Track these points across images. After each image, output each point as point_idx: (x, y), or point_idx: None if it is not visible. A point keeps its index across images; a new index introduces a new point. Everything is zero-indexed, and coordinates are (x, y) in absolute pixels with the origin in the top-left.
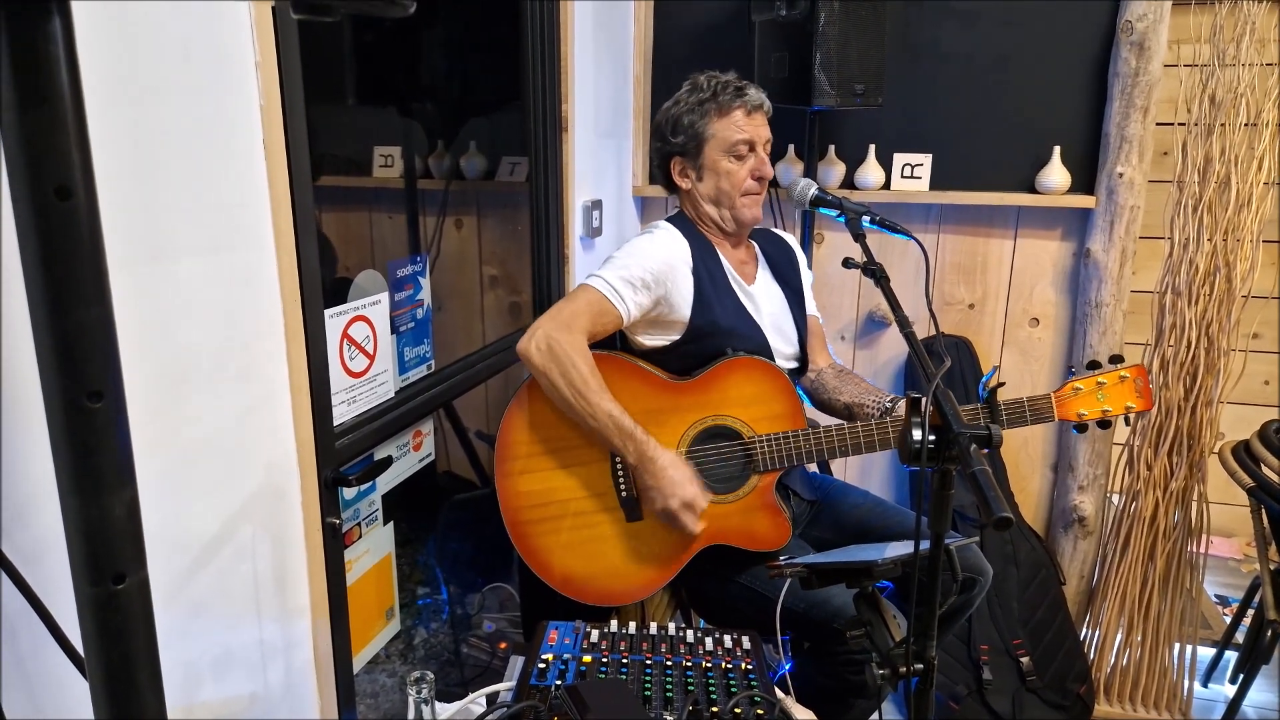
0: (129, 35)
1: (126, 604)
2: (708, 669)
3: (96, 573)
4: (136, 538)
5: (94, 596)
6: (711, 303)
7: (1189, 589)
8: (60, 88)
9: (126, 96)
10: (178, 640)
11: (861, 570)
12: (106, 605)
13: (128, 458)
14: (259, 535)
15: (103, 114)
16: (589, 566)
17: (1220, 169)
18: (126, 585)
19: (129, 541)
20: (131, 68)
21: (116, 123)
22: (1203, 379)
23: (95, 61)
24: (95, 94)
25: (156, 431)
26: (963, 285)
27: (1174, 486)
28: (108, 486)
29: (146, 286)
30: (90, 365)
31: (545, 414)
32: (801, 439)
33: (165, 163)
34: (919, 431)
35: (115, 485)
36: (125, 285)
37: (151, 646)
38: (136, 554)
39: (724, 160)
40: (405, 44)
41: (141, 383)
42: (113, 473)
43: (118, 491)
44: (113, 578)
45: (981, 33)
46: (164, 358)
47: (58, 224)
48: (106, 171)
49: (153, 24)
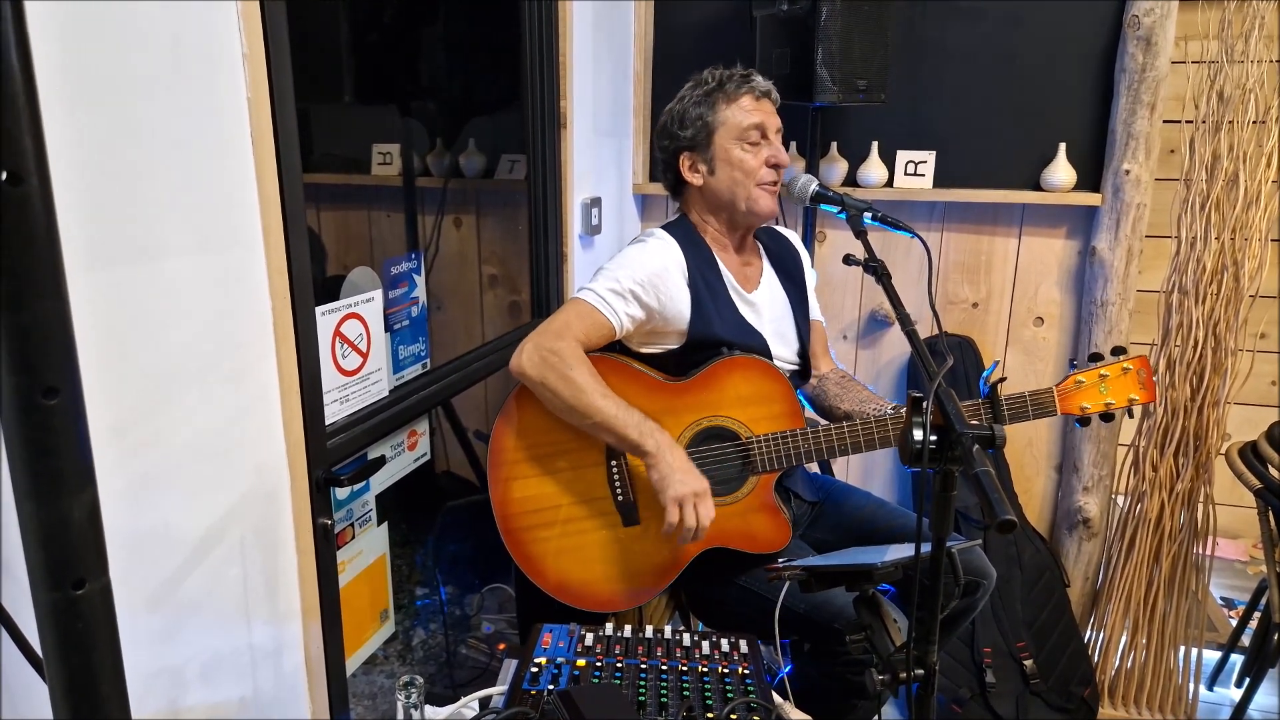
0: (112, 27)
1: (88, 610)
2: (704, 674)
3: (55, 578)
4: (98, 542)
5: (53, 603)
6: (710, 315)
7: (1194, 591)
8: (9, 66)
9: (110, 90)
10: (165, 644)
11: (862, 574)
12: (66, 612)
13: (87, 458)
14: (249, 537)
15: (86, 109)
16: (585, 572)
17: (1228, 166)
18: (87, 591)
19: (89, 546)
20: (115, 61)
21: (100, 117)
22: (1209, 379)
23: (78, 55)
24: (77, 88)
25: (144, 432)
26: (966, 284)
27: (1180, 488)
28: (67, 489)
29: (133, 285)
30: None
31: (537, 419)
32: (800, 439)
33: (151, 158)
34: (920, 432)
35: (74, 487)
36: (111, 284)
37: (115, 654)
38: (98, 559)
39: (736, 149)
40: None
41: (128, 383)
42: (72, 474)
43: (77, 494)
44: (72, 583)
45: (986, 28)
46: (151, 357)
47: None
48: (89, 168)
49: (138, 16)
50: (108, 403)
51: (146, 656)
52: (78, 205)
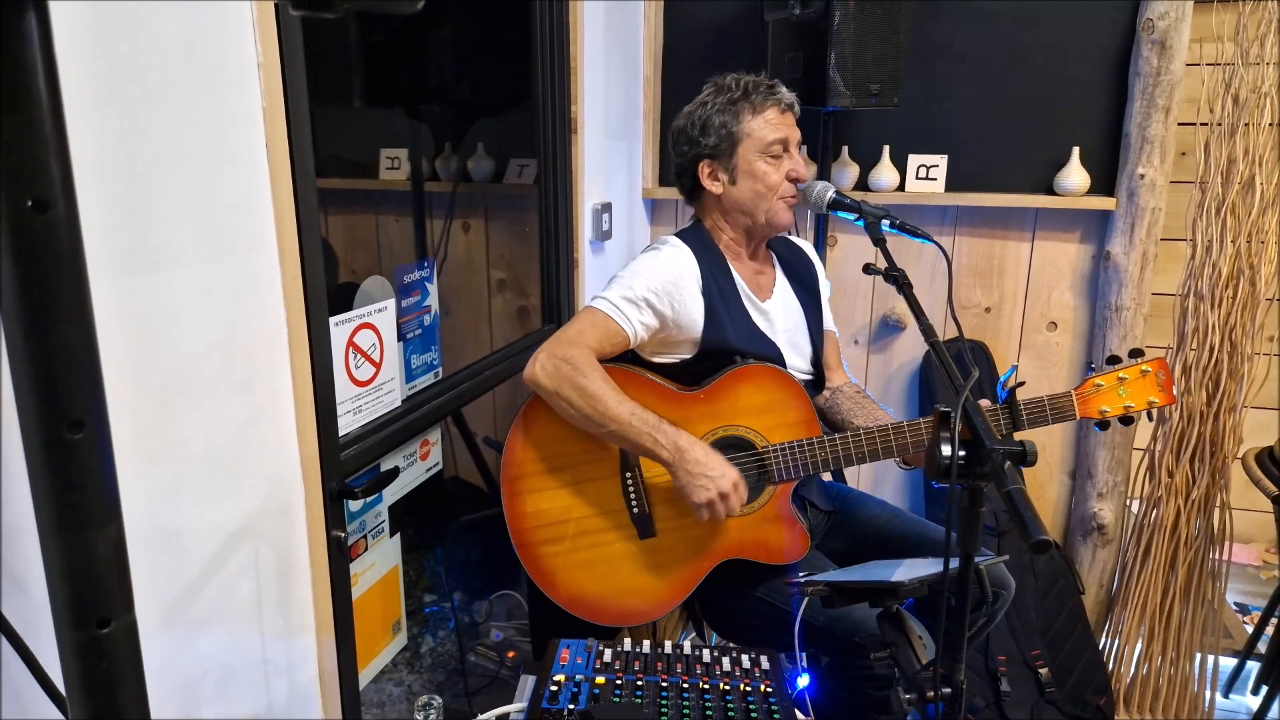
0: (127, 36)
1: (113, 649)
2: (725, 691)
3: (80, 616)
4: (124, 577)
5: (77, 641)
6: (723, 323)
7: (1210, 599)
8: (37, 93)
9: (125, 99)
10: (178, 659)
11: (886, 590)
12: (91, 650)
13: (113, 491)
14: (262, 550)
15: (100, 117)
16: (600, 586)
17: (1244, 170)
18: (113, 629)
19: (115, 581)
20: (130, 69)
21: (115, 126)
22: (1226, 384)
23: (92, 63)
24: (92, 97)
25: (156, 445)
26: (979, 289)
27: (1196, 494)
28: (92, 523)
29: (146, 295)
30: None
31: (550, 431)
32: (817, 447)
33: (165, 167)
34: (948, 447)
35: (100, 521)
36: (124, 294)
37: (141, 694)
38: (124, 595)
39: (759, 161)
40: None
41: (140, 394)
42: (98, 508)
43: (103, 528)
44: (98, 621)
45: (999, 31)
46: (164, 368)
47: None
48: (105, 177)
49: (152, 24)
50: (119, 414)
51: (160, 672)
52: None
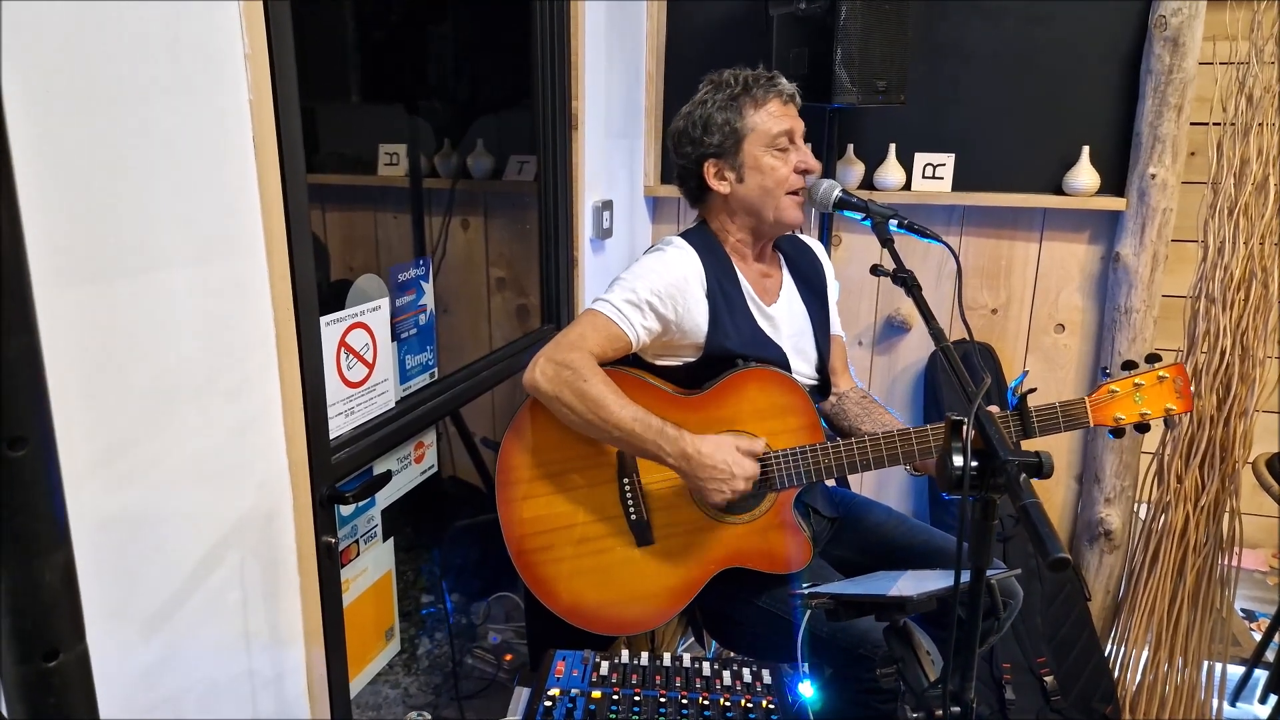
0: (108, 28)
1: (60, 684)
2: (726, 708)
3: (25, 649)
4: (73, 606)
5: (22, 676)
6: (727, 327)
7: (1219, 606)
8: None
9: (105, 94)
10: (162, 673)
11: (894, 605)
12: (37, 685)
13: (60, 513)
14: (249, 558)
15: (79, 113)
16: (598, 595)
17: (1257, 170)
18: (61, 661)
19: (65, 611)
20: (111, 63)
21: (95, 122)
22: (1236, 389)
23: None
24: (70, 92)
25: (140, 451)
26: (986, 289)
27: (1205, 500)
28: (38, 549)
29: (127, 297)
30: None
31: (548, 434)
32: (820, 454)
33: (147, 163)
34: (961, 458)
35: (46, 547)
36: (103, 297)
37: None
38: (74, 625)
39: (766, 156)
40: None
41: (123, 400)
42: (44, 533)
43: (49, 554)
44: (44, 654)
45: (1007, 28)
46: (147, 372)
47: None
48: (86, 176)
49: (135, 15)
50: (101, 421)
51: (143, 686)
52: (68, 214)
